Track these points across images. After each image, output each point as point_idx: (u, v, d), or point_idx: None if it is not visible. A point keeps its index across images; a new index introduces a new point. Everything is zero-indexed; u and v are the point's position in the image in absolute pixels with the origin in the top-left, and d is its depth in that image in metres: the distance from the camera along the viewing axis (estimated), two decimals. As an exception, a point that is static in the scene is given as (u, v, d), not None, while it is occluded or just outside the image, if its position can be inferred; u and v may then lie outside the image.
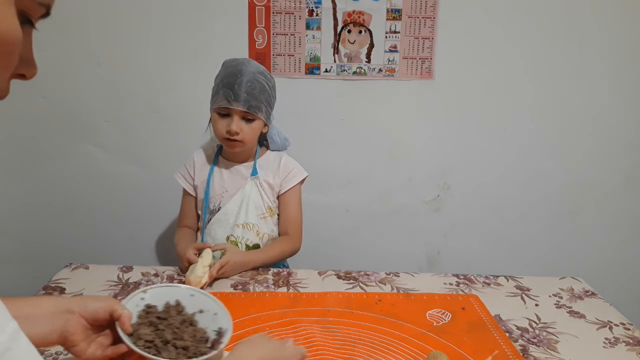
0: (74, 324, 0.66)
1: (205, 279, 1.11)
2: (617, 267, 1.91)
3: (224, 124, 1.28)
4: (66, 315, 0.66)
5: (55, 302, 0.68)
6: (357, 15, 1.65)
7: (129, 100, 1.71)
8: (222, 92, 1.26)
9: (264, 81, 1.29)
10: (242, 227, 1.36)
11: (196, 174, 1.41)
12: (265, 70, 1.33)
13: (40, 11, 0.43)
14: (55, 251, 1.83)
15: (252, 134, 1.31)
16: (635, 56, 1.72)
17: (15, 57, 0.41)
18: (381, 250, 1.89)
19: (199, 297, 0.80)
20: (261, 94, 1.28)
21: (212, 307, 0.79)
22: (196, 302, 0.79)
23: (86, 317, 0.67)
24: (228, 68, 1.30)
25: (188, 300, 0.79)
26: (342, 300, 1.10)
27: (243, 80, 1.25)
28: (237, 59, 1.32)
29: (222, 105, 1.26)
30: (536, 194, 1.84)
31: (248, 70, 1.27)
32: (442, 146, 1.79)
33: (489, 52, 1.70)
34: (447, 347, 0.93)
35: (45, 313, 0.65)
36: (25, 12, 0.41)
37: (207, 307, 0.79)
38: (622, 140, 1.80)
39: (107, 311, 0.68)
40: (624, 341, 0.98)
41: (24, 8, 0.41)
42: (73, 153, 1.75)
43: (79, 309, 0.67)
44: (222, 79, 1.28)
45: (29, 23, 0.43)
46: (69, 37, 1.63)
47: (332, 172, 1.79)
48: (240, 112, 1.26)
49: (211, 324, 0.77)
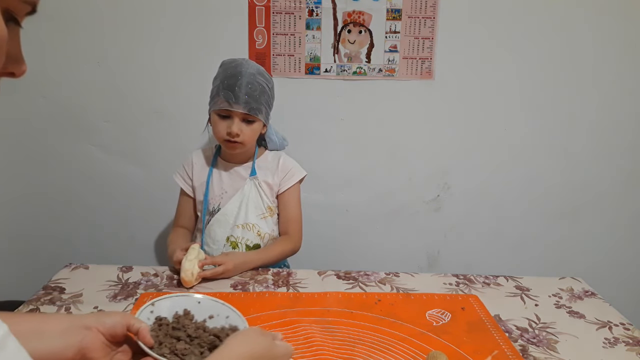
0: (92, 340, 0.65)
1: (196, 270, 1.12)
2: (617, 267, 1.91)
3: (225, 125, 1.28)
4: (83, 332, 0.65)
5: (69, 318, 0.68)
6: (357, 15, 1.65)
7: (129, 100, 1.71)
8: (223, 94, 1.25)
9: (263, 82, 1.29)
10: (241, 227, 1.36)
11: (195, 175, 1.41)
12: (264, 70, 1.32)
13: (25, 9, 0.43)
14: (55, 251, 1.83)
15: (252, 135, 1.31)
16: (635, 56, 1.72)
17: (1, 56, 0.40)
18: (381, 250, 1.89)
19: (206, 303, 0.80)
20: (261, 96, 1.28)
21: (222, 311, 0.79)
22: (205, 308, 0.80)
23: (104, 332, 0.67)
24: (227, 69, 1.29)
25: (196, 307, 0.80)
26: (341, 300, 1.10)
27: (243, 82, 1.24)
28: (235, 60, 1.31)
29: (223, 107, 1.26)
30: (536, 194, 1.84)
31: (248, 71, 1.26)
32: (442, 146, 1.79)
33: (489, 52, 1.70)
34: (447, 347, 0.93)
35: (57, 329, 0.64)
36: (10, 10, 0.41)
37: (217, 311, 0.79)
38: (622, 141, 1.80)
39: (124, 326, 0.68)
40: (623, 341, 0.98)
41: (8, 6, 0.40)
42: (73, 153, 1.76)
43: (96, 325, 0.66)
44: (222, 80, 1.27)
45: (15, 21, 0.42)
46: (69, 37, 1.63)
47: (332, 172, 1.80)
48: (240, 114, 1.26)
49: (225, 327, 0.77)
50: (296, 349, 0.90)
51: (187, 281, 1.12)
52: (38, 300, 1.06)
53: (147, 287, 1.14)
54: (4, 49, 0.40)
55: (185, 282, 1.12)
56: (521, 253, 1.89)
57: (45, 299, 1.06)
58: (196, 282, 1.14)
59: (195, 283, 1.13)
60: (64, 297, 1.08)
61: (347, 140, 1.77)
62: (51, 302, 1.05)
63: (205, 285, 1.15)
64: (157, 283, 1.16)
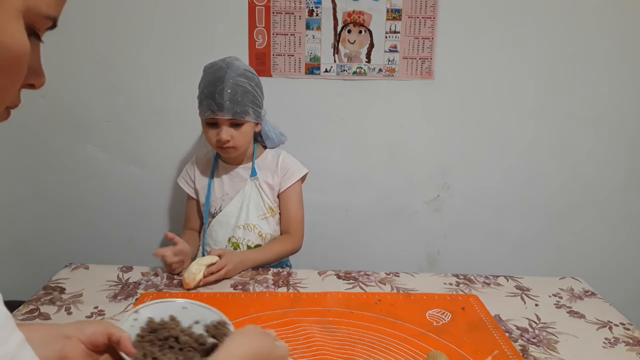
0: (73, 349, 0.64)
1: (199, 277, 1.12)
2: (617, 267, 1.91)
3: (214, 133, 1.28)
4: (63, 341, 0.64)
5: (49, 327, 0.66)
6: (357, 15, 1.65)
7: (129, 100, 1.71)
8: (205, 103, 1.24)
9: (245, 83, 1.26)
10: (243, 228, 1.36)
11: (197, 178, 1.41)
12: (246, 69, 1.29)
13: (47, 24, 0.44)
14: (55, 251, 1.83)
15: (243, 138, 1.30)
16: (636, 57, 1.72)
17: (24, 70, 0.42)
18: (381, 250, 1.89)
19: (192, 309, 0.80)
20: (244, 97, 1.25)
21: (208, 316, 0.78)
22: (191, 313, 0.79)
23: (84, 341, 0.66)
24: (207, 76, 1.27)
25: (182, 313, 0.79)
26: (341, 300, 1.10)
27: (224, 87, 1.22)
28: (215, 64, 1.28)
29: (208, 116, 1.26)
30: (536, 194, 1.84)
31: (227, 75, 1.23)
32: (442, 146, 1.79)
33: (489, 52, 1.70)
34: (447, 347, 0.93)
35: (36, 338, 0.62)
36: (32, 25, 0.42)
37: (203, 316, 0.78)
38: (621, 141, 1.80)
39: (104, 334, 0.66)
40: (623, 341, 0.98)
41: (31, 22, 0.41)
42: (73, 153, 1.75)
43: (76, 334, 0.65)
44: (202, 89, 1.26)
45: (36, 35, 0.44)
46: (69, 37, 1.63)
47: (332, 172, 1.79)
48: (227, 121, 1.25)
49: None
50: (296, 349, 0.90)
51: (188, 282, 1.12)
52: (38, 300, 1.06)
53: (148, 287, 1.14)
54: (27, 62, 0.42)
55: (185, 284, 1.12)
56: (521, 253, 1.89)
57: (45, 299, 1.06)
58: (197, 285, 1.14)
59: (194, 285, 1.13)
60: (64, 297, 1.08)
61: (347, 140, 1.77)
62: (51, 302, 1.05)
63: (206, 286, 1.15)
64: (158, 283, 1.16)
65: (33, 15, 0.41)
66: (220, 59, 1.31)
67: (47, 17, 0.43)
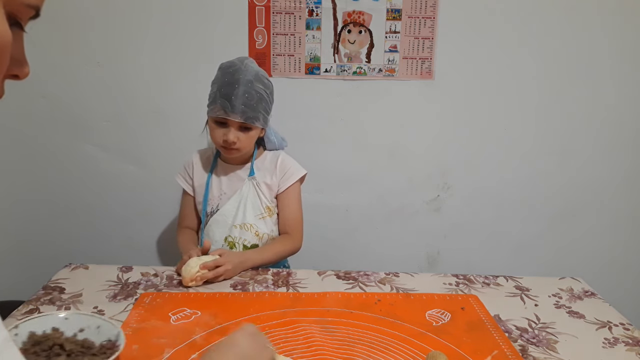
0: None
1: (195, 270, 1.12)
2: (617, 267, 1.91)
3: (221, 132, 1.28)
4: None
5: None
6: (357, 15, 1.65)
7: (129, 100, 1.71)
8: (220, 102, 1.24)
9: (261, 89, 1.27)
10: (239, 227, 1.36)
11: (195, 176, 1.41)
12: (262, 74, 1.30)
13: (29, 13, 0.43)
14: (55, 251, 1.83)
15: (249, 142, 1.31)
16: (636, 56, 1.71)
17: (6, 60, 0.41)
18: (381, 250, 1.89)
19: (74, 318, 0.81)
20: (259, 104, 1.26)
21: (92, 322, 0.80)
22: (73, 323, 0.80)
23: None
24: (225, 75, 1.27)
25: (64, 324, 0.80)
26: (341, 300, 1.10)
27: (240, 90, 1.23)
28: (233, 64, 1.28)
29: (220, 115, 1.26)
30: (536, 194, 1.84)
31: (245, 78, 1.24)
32: (442, 146, 1.79)
33: (489, 52, 1.70)
34: (447, 347, 0.93)
35: None
36: (14, 14, 0.41)
37: (87, 323, 0.80)
38: (622, 141, 1.80)
39: None
40: (623, 341, 0.98)
41: (12, 11, 0.41)
42: (73, 153, 1.75)
43: None
44: (219, 87, 1.26)
45: (18, 25, 0.43)
46: (69, 37, 1.63)
47: (332, 172, 1.79)
48: (237, 123, 1.26)
49: (96, 338, 0.78)
50: (296, 349, 0.90)
51: (184, 276, 1.12)
52: (38, 300, 1.06)
53: (147, 287, 1.14)
54: (9, 52, 0.41)
55: (183, 278, 1.13)
56: (521, 253, 1.89)
57: (45, 299, 1.06)
58: (196, 284, 1.14)
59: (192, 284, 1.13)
60: (63, 297, 1.08)
61: (347, 140, 1.77)
62: (51, 302, 1.05)
63: (205, 286, 1.15)
64: (157, 283, 1.16)
65: (14, 4, 0.40)
66: (237, 58, 1.31)
67: (29, 6, 0.42)
